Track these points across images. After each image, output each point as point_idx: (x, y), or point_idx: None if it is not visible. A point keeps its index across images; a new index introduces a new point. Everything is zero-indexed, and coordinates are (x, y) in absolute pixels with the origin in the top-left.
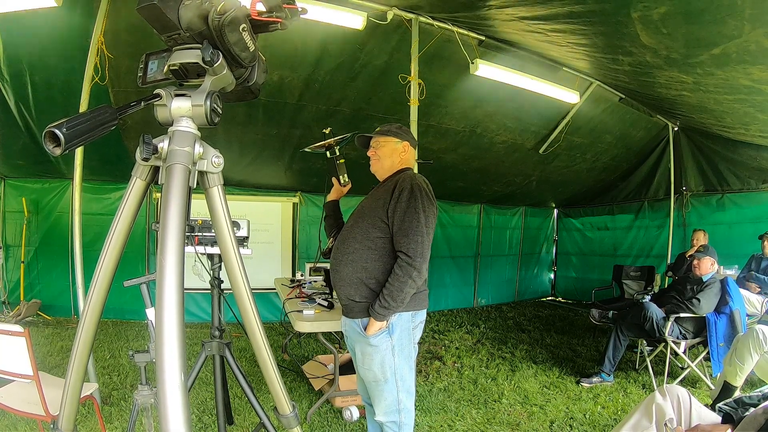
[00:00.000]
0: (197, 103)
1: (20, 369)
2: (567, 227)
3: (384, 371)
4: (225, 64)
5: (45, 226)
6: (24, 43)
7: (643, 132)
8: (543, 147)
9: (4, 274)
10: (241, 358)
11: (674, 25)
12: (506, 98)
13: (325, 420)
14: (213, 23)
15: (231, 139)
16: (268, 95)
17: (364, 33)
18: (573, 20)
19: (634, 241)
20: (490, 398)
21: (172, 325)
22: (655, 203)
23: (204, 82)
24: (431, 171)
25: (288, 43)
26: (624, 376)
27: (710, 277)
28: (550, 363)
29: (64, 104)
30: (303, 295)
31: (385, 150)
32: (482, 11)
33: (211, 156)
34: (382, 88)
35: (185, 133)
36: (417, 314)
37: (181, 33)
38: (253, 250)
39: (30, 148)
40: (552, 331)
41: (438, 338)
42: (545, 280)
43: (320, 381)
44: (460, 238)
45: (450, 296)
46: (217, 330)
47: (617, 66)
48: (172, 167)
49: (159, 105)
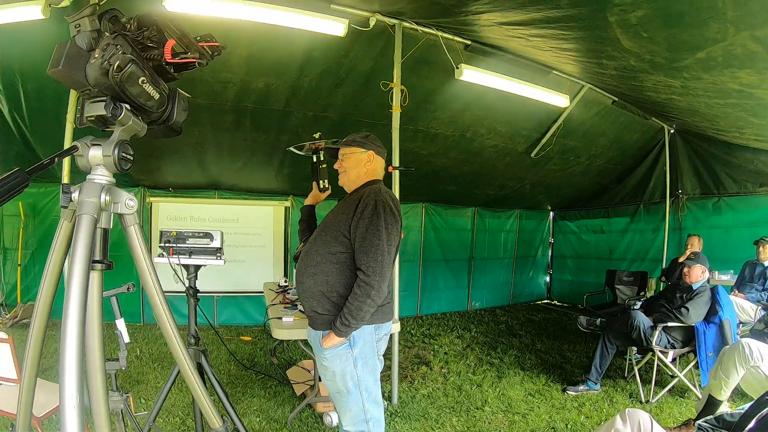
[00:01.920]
0: (107, 153)
1: (6, 373)
2: (563, 230)
3: (346, 382)
4: (131, 115)
5: (41, 230)
6: (16, 54)
7: (639, 135)
8: (535, 151)
9: (1, 276)
10: (230, 361)
11: (654, 28)
12: (495, 102)
13: (305, 425)
14: (114, 80)
15: (220, 145)
16: (254, 102)
17: (348, 39)
18: (551, 25)
19: (630, 245)
20: (473, 405)
21: (72, 353)
22: (650, 206)
23: (113, 133)
24: (422, 175)
25: (272, 51)
26: (612, 384)
27: (700, 285)
28: (538, 369)
29: (55, 112)
30: (286, 300)
31: (350, 161)
32: (461, 17)
33: (124, 199)
34: (369, 93)
35: (93, 185)
36: (381, 327)
37: (90, 89)
38: (246, 254)
39: (25, 155)
40: (543, 335)
41: (428, 342)
42: (540, 284)
43: (302, 386)
44: (453, 241)
45: (443, 300)
46: (192, 338)
47: (603, 70)
48: (79, 217)
49: (78, 155)
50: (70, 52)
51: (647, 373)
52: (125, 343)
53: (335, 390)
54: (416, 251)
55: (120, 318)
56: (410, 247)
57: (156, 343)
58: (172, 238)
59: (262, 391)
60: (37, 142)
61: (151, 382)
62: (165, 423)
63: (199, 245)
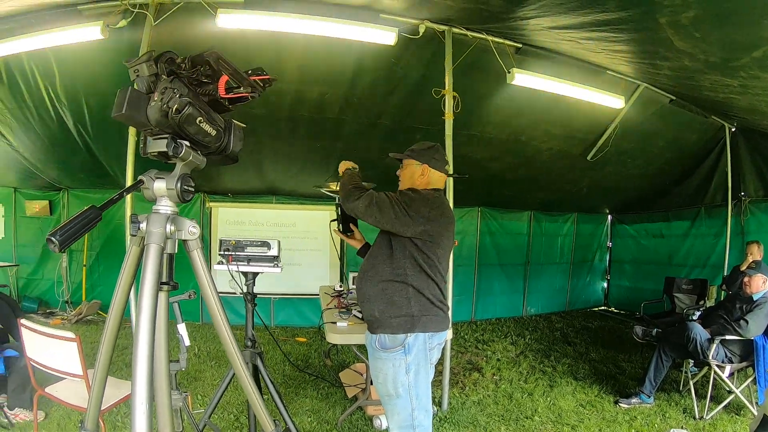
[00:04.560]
0: (170, 187)
1: (72, 369)
2: (621, 234)
3: (396, 387)
4: (191, 151)
5: (105, 233)
6: (79, 71)
7: (698, 134)
8: (591, 153)
9: (67, 276)
10: (285, 362)
11: (706, 28)
12: (549, 105)
13: (355, 427)
14: (173, 121)
15: (277, 152)
16: (309, 110)
17: (398, 47)
18: (601, 28)
19: (690, 250)
20: (522, 414)
21: (143, 371)
22: (712, 210)
23: (175, 167)
24: (477, 180)
25: (324, 62)
26: (665, 397)
27: (761, 296)
28: (591, 379)
29: (118, 125)
30: (341, 305)
31: (405, 172)
32: (509, 22)
33: (187, 227)
34: (421, 100)
35: (159, 216)
36: (434, 336)
37: (152, 128)
38: (302, 257)
39: (89, 164)
40: (599, 344)
41: (481, 348)
42: (598, 289)
43: (354, 389)
44: (509, 245)
45: (498, 305)
46: (249, 340)
47: (658, 71)
48: (148, 246)
49: (144, 188)
50: (131, 97)
51: (703, 387)
52: (185, 346)
53: (385, 393)
54: (471, 256)
55: (181, 323)
56: (465, 251)
57: (213, 342)
58: (231, 246)
59: (314, 392)
60: (100, 152)
61: (207, 380)
62: (220, 419)
63: (257, 253)
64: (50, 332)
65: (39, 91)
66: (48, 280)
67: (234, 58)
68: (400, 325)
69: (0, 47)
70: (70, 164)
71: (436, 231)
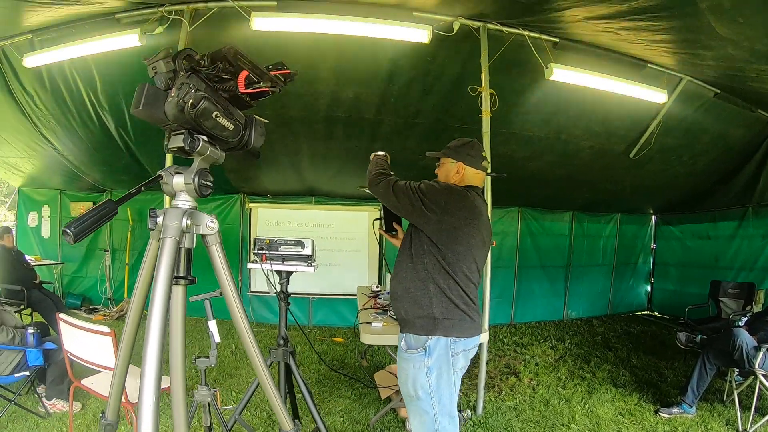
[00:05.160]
0: (188, 181)
1: (107, 362)
2: (665, 235)
3: (416, 389)
4: (208, 146)
5: (147, 233)
6: (118, 77)
7: (744, 129)
8: (633, 151)
9: (110, 274)
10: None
11: (750, 12)
12: (589, 101)
13: (387, 428)
14: (189, 115)
15: (315, 153)
16: (345, 111)
17: (433, 45)
18: (638, 16)
19: (738, 252)
20: (558, 422)
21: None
22: (760, 209)
23: (193, 163)
24: (516, 179)
25: (359, 62)
26: (708, 408)
27: None
28: (632, 387)
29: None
30: (377, 306)
31: (441, 170)
32: (544, 15)
33: (205, 221)
34: (459, 97)
35: (176, 210)
36: (458, 342)
37: (171, 124)
38: (341, 258)
39: (131, 166)
40: (641, 350)
41: (519, 352)
42: (641, 293)
43: (388, 390)
44: (550, 247)
45: (539, 307)
46: (282, 339)
47: (701, 61)
48: (163, 239)
49: (163, 183)
50: (148, 93)
51: (748, 398)
52: (216, 343)
53: (406, 393)
54: (512, 257)
55: (212, 320)
56: (506, 252)
57: None
58: (265, 245)
59: (348, 392)
60: (142, 154)
61: (243, 377)
62: (251, 416)
63: (291, 252)
64: (86, 326)
65: (81, 97)
66: (91, 278)
67: (269, 62)
68: (423, 326)
69: (43, 56)
70: (112, 167)
71: (452, 224)
